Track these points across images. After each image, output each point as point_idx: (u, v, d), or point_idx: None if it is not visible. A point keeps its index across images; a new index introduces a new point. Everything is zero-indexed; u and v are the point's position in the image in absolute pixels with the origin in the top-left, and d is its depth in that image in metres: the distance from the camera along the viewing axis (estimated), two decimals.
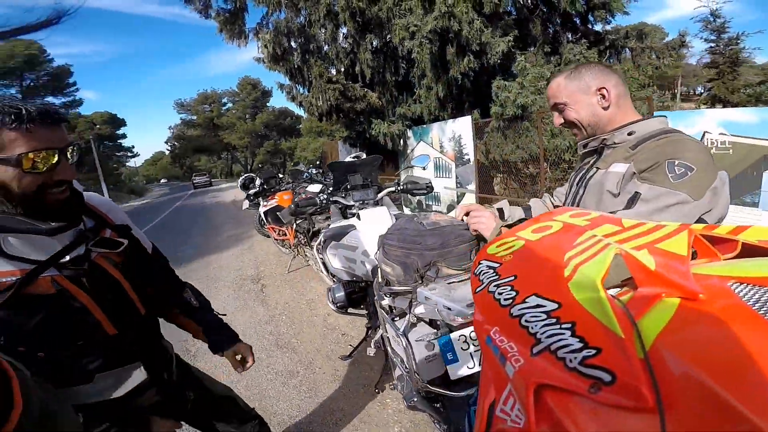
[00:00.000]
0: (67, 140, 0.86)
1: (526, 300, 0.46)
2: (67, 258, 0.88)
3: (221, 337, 1.26)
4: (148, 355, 1.06)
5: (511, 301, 0.47)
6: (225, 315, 1.33)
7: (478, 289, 0.55)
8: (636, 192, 1.05)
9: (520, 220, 1.32)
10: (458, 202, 6.37)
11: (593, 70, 1.20)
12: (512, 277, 0.52)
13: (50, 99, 27.37)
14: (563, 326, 0.39)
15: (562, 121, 1.28)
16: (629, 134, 1.15)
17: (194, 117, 45.24)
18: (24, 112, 0.78)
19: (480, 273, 0.58)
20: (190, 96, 51.81)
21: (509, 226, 1.26)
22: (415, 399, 1.50)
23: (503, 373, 0.42)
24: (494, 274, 0.55)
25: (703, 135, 2.93)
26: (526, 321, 0.43)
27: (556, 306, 0.42)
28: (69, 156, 0.87)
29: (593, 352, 0.35)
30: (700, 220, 1.02)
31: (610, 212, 1.09)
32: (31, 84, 26.61)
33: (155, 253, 1.21)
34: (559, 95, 1.25)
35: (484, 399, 0.46)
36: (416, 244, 1.35)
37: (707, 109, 3.31)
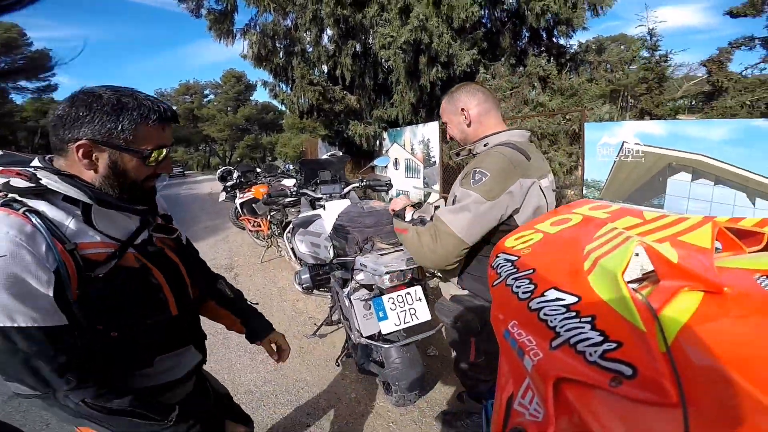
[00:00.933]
0: (172, 138, 0.94)
1: (545, 293, 0.45)
2: (139, 240, 0.93)
3: (258, 327, 1.26)
4: (197, 338, 1.09)
5: (529, 294, 0.46)
6: (257, 304, 1.34)
7: (495, 283, 0.54)
8: (455, 194, 1.27)
9: (419, 204, 1.54)
10: (425, 200, 6.73)
11: (461, 93, 1.37)
12: (531, 271, 0.50)
13: (24, 84, 26.22)
14: (583, 320, 0.38)
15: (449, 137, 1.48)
16: (485, 145, 1.34)
17: (174, 107, 44.07)
18: (161, 111, 0.86)
19: (497, 266, 0.56)
20: (172, 86, 50.42)
21: (416, 205, 1.53)
22: (363, 363, 1.82)
23: (521, 367, 0.42)
24: (512, 267, 0.54)
25: (622, 145, 3.17)
26: (544, 314, 0.42)
27: (575, 299, 0.41)
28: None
29: (614, 345, 0.34)
30: (509, 219, 1.21)
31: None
32: (5, 67, 25.38)
33: (188, 244, 1.22)
34: (443, 115, 1.46)
35: (501, 392, 0.45)
36: (357, 223, 1.70)
37: (625, 122, 3.64)
